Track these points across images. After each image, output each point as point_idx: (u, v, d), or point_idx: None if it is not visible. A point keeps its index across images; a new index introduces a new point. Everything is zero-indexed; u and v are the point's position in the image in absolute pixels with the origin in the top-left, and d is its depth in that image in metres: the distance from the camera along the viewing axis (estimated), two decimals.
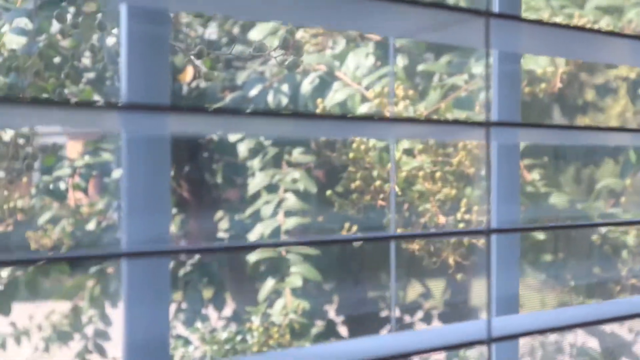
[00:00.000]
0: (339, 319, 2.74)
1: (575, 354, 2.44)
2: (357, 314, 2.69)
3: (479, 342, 0.75)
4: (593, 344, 2.49)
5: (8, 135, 1.89)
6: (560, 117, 2.56)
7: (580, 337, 2.51)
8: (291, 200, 2.30)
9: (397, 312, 2.72)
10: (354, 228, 2.30)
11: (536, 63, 2.09)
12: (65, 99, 2.54)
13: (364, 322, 2.74)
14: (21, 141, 1.89)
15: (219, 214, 2.61)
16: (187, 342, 2.39)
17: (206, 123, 0.70)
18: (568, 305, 2.21)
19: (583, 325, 0.83)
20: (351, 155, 1.93)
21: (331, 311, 2.71)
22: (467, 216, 1.80)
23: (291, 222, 2.29)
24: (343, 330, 2.75)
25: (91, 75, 2.54)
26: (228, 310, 2.85)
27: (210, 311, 2.78)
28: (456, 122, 0.81)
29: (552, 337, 2.49)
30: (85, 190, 2.53)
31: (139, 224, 0.69)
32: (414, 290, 2.74)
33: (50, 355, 2.91)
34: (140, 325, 0.69)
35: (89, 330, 2.84)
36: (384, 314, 2.73)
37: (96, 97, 2.66)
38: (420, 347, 0.72)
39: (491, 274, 0.92)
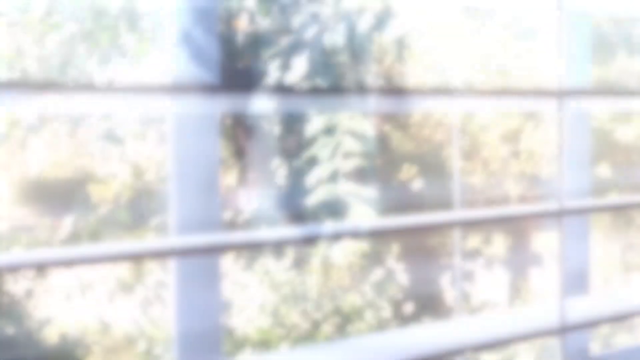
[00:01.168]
0: (399, 267, 2.72)
1: None
2: (417, 261, 2.66)
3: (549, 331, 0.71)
4: None
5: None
6: None
7: None
8: (349, 142, 2.28)
9: (458, 259, 2.68)
10: (412, 170, 2.26)
11: None
12: (123, 47, 2.55)
13: (424, 270, 2.71)
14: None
15: (277, 161, 2.60)
16: (246, 287, 2.39)
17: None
18: None
19: None
20: None
21: (391, 258, 2.69)
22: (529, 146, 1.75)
23: (349, 164, 2.27)
24: (403, 278, 2.72)
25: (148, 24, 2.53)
26: (287, 261, 2.84)
27: (270, 261, 2.78)
28: (526, 92, 0.79)
29: None
30: (143, 137, 2.54)
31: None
32: (474, 237, 2.69)
33: (114, 305, 2.96)
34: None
35: (150, 280, 2.87)
36: (444, 260, 2.70)
37: (153, 50, 2.67)
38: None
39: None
